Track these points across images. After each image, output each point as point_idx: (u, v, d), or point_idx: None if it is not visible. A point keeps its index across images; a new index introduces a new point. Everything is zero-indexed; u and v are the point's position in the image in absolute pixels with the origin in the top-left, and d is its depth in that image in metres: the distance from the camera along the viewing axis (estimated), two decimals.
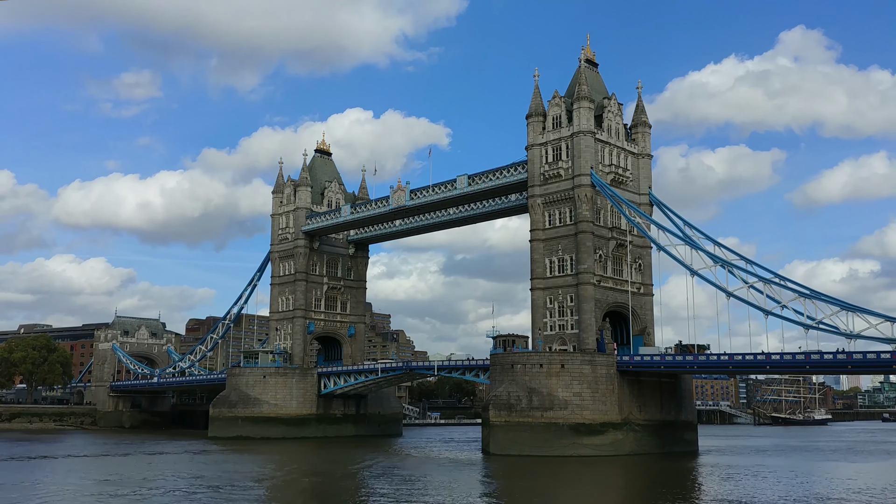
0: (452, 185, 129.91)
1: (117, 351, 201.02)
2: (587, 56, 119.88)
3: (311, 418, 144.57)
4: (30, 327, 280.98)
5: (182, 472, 79.97)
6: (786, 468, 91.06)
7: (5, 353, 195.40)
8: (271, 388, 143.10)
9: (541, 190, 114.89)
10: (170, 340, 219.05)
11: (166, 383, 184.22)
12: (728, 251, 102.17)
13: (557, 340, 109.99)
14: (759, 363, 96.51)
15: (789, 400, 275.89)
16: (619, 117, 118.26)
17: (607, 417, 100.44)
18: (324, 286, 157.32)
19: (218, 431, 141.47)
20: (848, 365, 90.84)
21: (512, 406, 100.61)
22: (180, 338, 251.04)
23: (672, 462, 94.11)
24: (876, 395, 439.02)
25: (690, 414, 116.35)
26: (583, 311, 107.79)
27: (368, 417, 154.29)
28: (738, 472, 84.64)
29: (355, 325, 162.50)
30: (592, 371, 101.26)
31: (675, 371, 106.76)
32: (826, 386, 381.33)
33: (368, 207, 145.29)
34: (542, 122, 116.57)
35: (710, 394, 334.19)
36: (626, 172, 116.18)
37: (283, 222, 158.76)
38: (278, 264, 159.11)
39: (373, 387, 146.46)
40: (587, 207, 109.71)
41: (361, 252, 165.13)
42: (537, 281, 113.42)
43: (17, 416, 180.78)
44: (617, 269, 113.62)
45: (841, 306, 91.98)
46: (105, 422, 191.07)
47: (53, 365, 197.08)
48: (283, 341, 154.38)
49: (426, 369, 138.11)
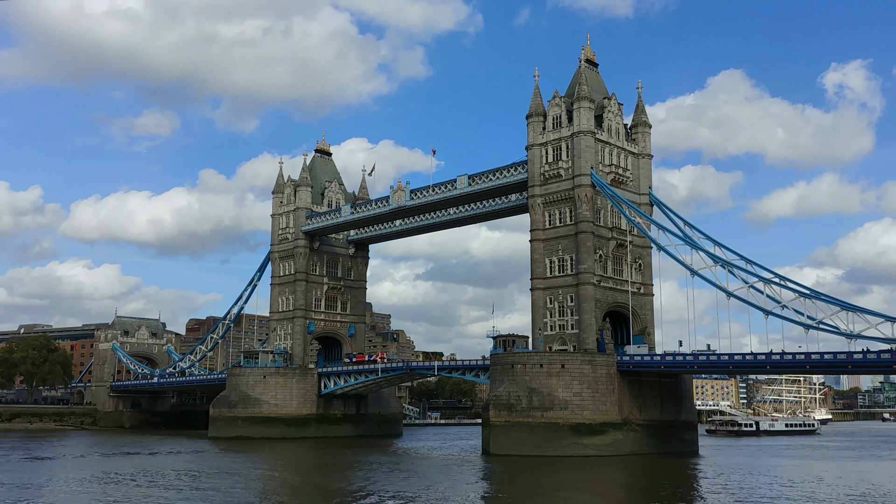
0: (452, 185, 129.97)
1: (117, 351, 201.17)
2: (587, 56, 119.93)
3: (311, 418, 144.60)
4: (30, 327, 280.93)
5: (182, 472, 79.96)
6: (785, 468, 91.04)
7: (6, 354, 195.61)
8: (271, 388, 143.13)
9: (541, 190, 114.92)
10: (170, 340, 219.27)
11: (166, 383, 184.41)
12: (728, 251, 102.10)
13: (557, 340, 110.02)
14: (759, 363, 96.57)
15: (789, 400, 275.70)
16: (619, 117, 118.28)
17: (607, 417, 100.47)
18: (324, 286, 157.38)
19: (218, 431, 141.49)
20: (848, 365, 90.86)
21: (512, 406, 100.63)
22: (180, 338, 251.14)
23: (672, 462, 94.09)
24: (876, 395, 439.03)
25: (690, 414, 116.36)
26: (583, 311, 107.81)
27: (368, 417, 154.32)
28: (737, 472, 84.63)
29: (355, 325, 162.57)
30: (592, 371, 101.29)
31: (675, 371, 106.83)
32: (826, 386, 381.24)
33: (368, 207, 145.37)
34: (542, 123, 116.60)
35: (710, 394, 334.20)
36: (626, 172, 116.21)
37: (283, 222, 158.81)
38: (278, 264, 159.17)
39: (373, 387, 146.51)
40: (587, 207, 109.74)
41: (361, 252, 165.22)
42: (537, 281, 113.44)
43: (17, 416, 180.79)
44: (617, 269, 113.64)
45: (841, 306, 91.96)
46: (105, 422, 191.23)
47: (54, 365, 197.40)
48: (283, 341, 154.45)
49: (426, 369, 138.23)
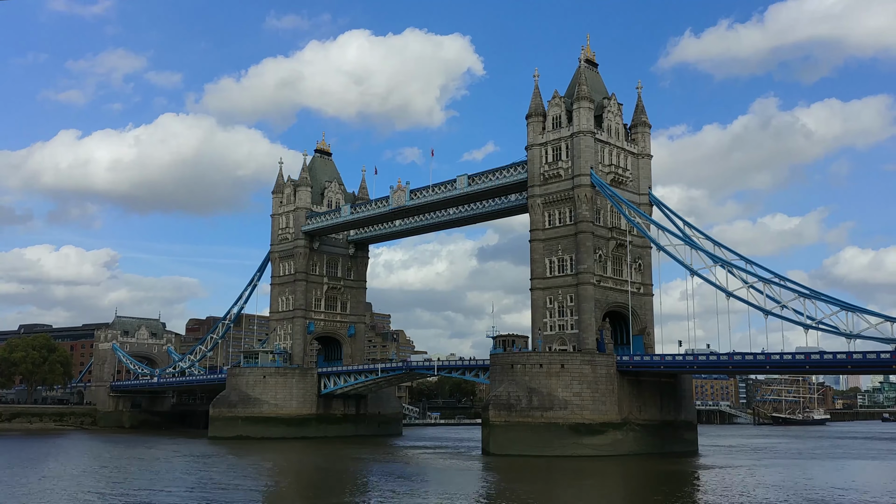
0: (452, 185, 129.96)
1: (117, 351, 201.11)
2: (587, 56, 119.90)
3: (311, 418, 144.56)
4: (30, 327, 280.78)
5: (182, 472, 79.97)
6: (785, 468, 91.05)
7: (5, 353, 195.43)
8: (271, 388, 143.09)
9: (541, 190, 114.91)
10: (170, 340, 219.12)
11: (166, 383, 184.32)
12: (728, 251, 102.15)
13: (557, 340, 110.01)
14: (759, 363, 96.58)
15: (789, 400, 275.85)
16: (618, 117, 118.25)
17: (607, 417, 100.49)
18: (324, 286, 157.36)
19: (218, 431, 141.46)
20: (848, 365, 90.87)
21: (512, 406, 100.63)
22: (180, 338, 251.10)
23: (672, 462, 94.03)
24: (876, 395, 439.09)
25: (690, 414, 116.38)
26: (583, 311, 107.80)
27: (368, 417, 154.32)
28: (737, 472, 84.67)
29: (355, 325, 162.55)
30: (592, 371, 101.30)
31: (675, 371, 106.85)
32: (826, 386, 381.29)
33: (368, 207, 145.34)
34: (541, 123, 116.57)
35: (710, 394, 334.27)
36: (626, 172, 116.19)
37: (283, 222, 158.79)
38: (278, 264, 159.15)
39: (373, 387, 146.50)
40: (587, 207, 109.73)
41: (361, 252, 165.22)
42: (537, 281, 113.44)
43: (17, 416, 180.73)
44: (617, 269, 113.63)
45: (841, 306, 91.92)
46: (105, 422, 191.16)
47: (54, 365, 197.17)
48: (283, 341, 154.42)
49: (426, 369, 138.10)
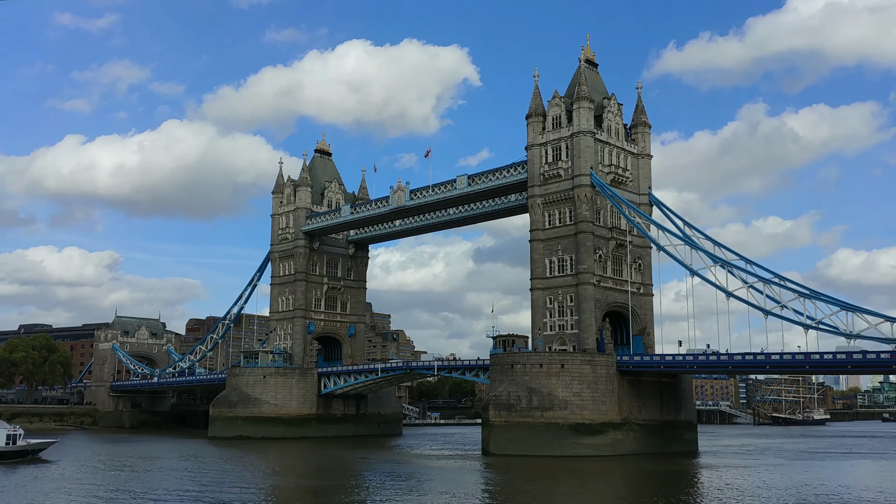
0: (452, 185, 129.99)
1: (117, 351, 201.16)
2: (587, 56, 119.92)
3: (311, 418, 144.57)
4: (30, 327, 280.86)
5: (182, 473, 79.98)
6: (785, 468, 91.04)
7: (6, 353, 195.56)
8: (271, 388, 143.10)
9: (540, 190, 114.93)
10: (170, 340, 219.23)
11: (166, 383, 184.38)
12: (728, 251, 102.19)
13: (557, 340, 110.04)
14: (759, 363, 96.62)
15: (789, 400, 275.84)
16: (618, 117, 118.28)
17: (607, 417, 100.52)
18: (324, 286, 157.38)
19: (218, 431, 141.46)
20: (848, 365, 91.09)
21: (512, 406, 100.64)
22: (180, 338, 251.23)
23: (672, 462, 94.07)
24: (875, 395, 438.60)
25: (690, 414, 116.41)
26: (583, 311, 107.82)
27: (368, 417, 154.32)
28: (737, 472, 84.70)
29: (355, 325, 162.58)
30: (592, 371, 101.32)
31: (675, 371, 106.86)
32: (826, 386, 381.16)
33: (368, 207, 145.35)
34: (541, 123, 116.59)
35: (710, 394, 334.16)
36: (626, 172, 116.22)
37: (283, 222, 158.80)
38: (278, 264, 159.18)
39: (373, 387, 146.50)
40: (587, 207, 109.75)
41: (361, 252, 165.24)
42: (537, 281, 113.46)
43: (17, 415, 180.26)
44: (617, 269, 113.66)
45: (841, 306, 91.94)
46: (105, 422, 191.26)
47: (54, 365, 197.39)
48: (283, 341, 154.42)
49: (426, 369, 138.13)
